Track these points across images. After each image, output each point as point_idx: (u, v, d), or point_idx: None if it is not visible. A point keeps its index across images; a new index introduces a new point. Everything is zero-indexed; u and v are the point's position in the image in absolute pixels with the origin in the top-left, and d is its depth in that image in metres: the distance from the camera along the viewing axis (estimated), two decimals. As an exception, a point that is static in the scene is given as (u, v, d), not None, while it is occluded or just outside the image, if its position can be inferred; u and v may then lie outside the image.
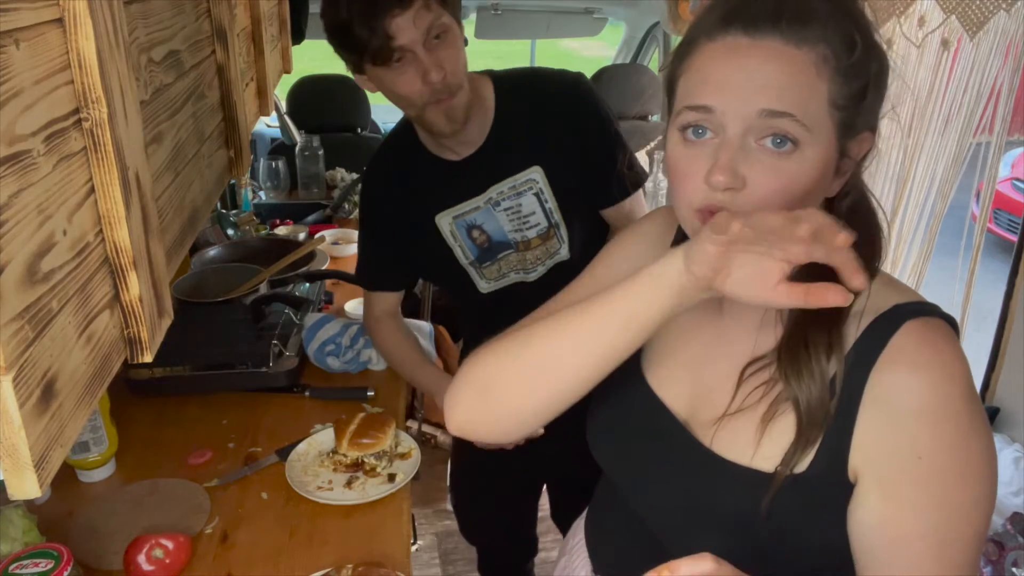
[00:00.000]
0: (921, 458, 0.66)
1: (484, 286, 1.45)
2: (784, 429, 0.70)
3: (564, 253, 1.41)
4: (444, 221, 1.40)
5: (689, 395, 0.81)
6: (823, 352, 0.69)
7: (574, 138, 1.35)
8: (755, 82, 0.65)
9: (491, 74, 1.39)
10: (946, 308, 0.75)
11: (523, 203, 1.37)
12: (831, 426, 0.69)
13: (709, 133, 0.68)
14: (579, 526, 1.00)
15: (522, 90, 1.37)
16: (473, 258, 1.43)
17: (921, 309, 0.70)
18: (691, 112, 0.68)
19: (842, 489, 0.70)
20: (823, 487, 0.70)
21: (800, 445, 0.69)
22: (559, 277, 1.36)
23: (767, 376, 0.73)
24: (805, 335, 0.70)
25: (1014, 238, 2.32)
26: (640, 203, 1.43)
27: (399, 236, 1.45)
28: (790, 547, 0.73)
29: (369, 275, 1.53)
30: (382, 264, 1.52)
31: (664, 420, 0.82)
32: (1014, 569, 1.69)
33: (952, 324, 0.71)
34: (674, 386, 0.83)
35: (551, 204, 1.37)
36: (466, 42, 1.29)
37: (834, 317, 0.70)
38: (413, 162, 1.41)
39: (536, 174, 1.36)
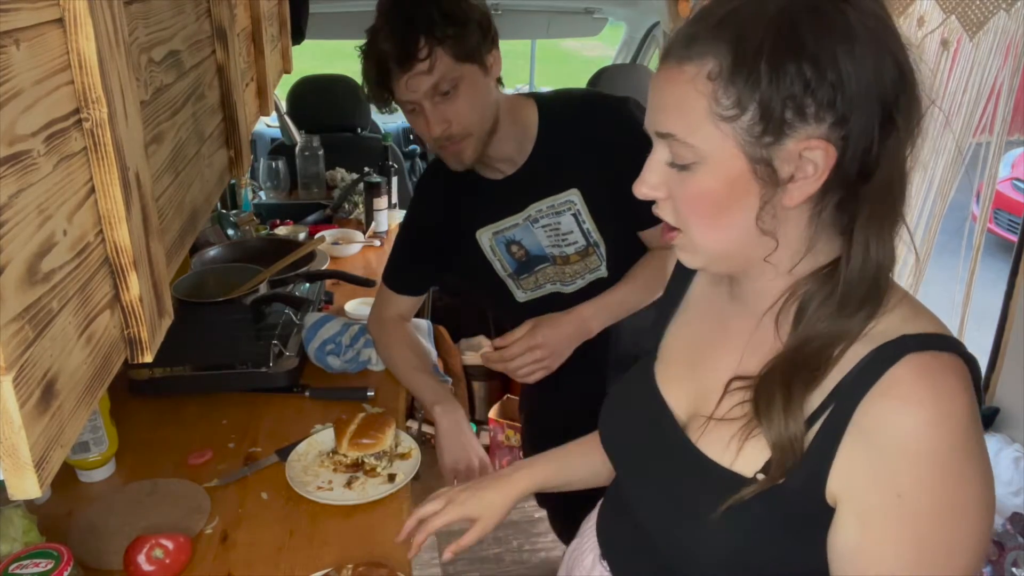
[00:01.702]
0: (901, 496, 0.65)
1: (521, 296, 1.49)
2: (764, 441, 0.71)
3: (603, 271, 1.44)
4: (484, 236, 1.44)
5: (693, 392, 0.83)
6: (798, 397, 0.69)
7: (613, 162, 1.36)
8: (652, 107, 0.72)
9: (536, 97, 1.42)
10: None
11: (561, 222, 1.41)
12: (813, 445, 0.69)
13: None
14: (596, 510, 1.02)
15: (565, 113, 1.40)
16: (511, 271, 1.47)
17: (930, 342, 0.67)
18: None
19: (818, 509, 0.69)
20: (798, 503, 0.70)
21: (772, 474, 0.70)
22: (596, 292, 1.40)
23: (747, 396, 0.74)
24: (787, 380, 0.70)
25: (1014, 238, 2.32)
26: None
27: (438, 246, 1.49)
28: (766, 559, 0.73)
29: (398, 277, 1.55)
30: (415, 268, 1.54)
31: (662, 417, 0.84)
32: (1014, 569, 1.69)
33: (969, 361, 0.68)
34: (678, 383, 0.86)
35: (589, 225, 1.40)
36: (500, 82, 1.32)
37: (818, 366, 0.69)
38: (458, 179, 1.44)
39: (574, 196, 1.39)
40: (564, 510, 1.96)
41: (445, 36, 1.18)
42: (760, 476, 0.71)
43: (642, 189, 0.74)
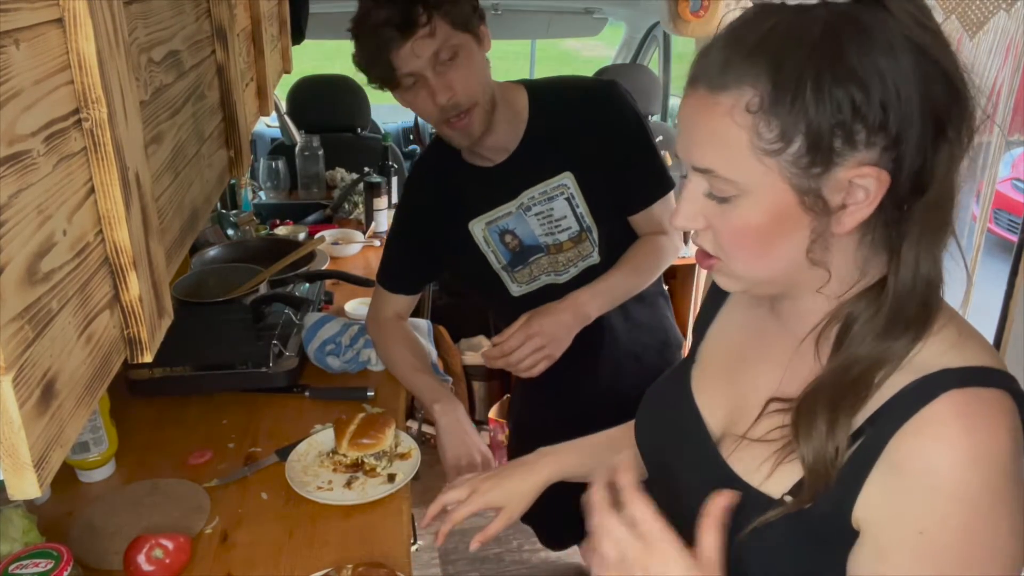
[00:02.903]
0: (923, 534, 0.63)
1: (516, 290, 1.48)
2: (797, 465, 0.70)
3: (595, 257, 1.43)
4: (477, 227, 1.44)
5: (728, 405, 0.82)
6: (842, 419, 0.66)
7: (604, 145, 1.37)
8: (686, 137, 0.68)
9: (526, 83, 1.42)
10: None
11: (554, 207, 1.40)
12: (842, 473, 0.67)
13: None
14: None
15: (555, 98, 1.40)
16: (506, 262, 1.46)
17: (972, 377, 0.64)
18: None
19: (844, 534, 0.68)
20: (823, 526, 0.69)
21: (803, 495, 0.68)
22: (590, 280, 1.39)
23: (786, 420, 0.72)
24: (831, 403, 0.67)
25: (1014, 238, 2.32)
26: (669, 209, 1.45)
27: (430, 242, 1.48)
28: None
29: (392, 276, 1.54)
30: (408, 267, 1.54)
31: (694, 426, 0.83)
32: None
33: (1018, 398, 0.65)
34: (715, 393, 0.85)
35: (582, 209, 1.40)
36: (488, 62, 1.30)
37: (863, 389, 0.67)
38: (448, 170, 1.44)
39: (567, 180, 1.38)
40: (548, 524, 1.96)
41: (441, 2, 1.19)
42: (788, 498, 0.70)
43: (678, 221, 0.71)
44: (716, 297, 0.92)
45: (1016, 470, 0.63)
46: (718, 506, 0.66)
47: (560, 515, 1.90)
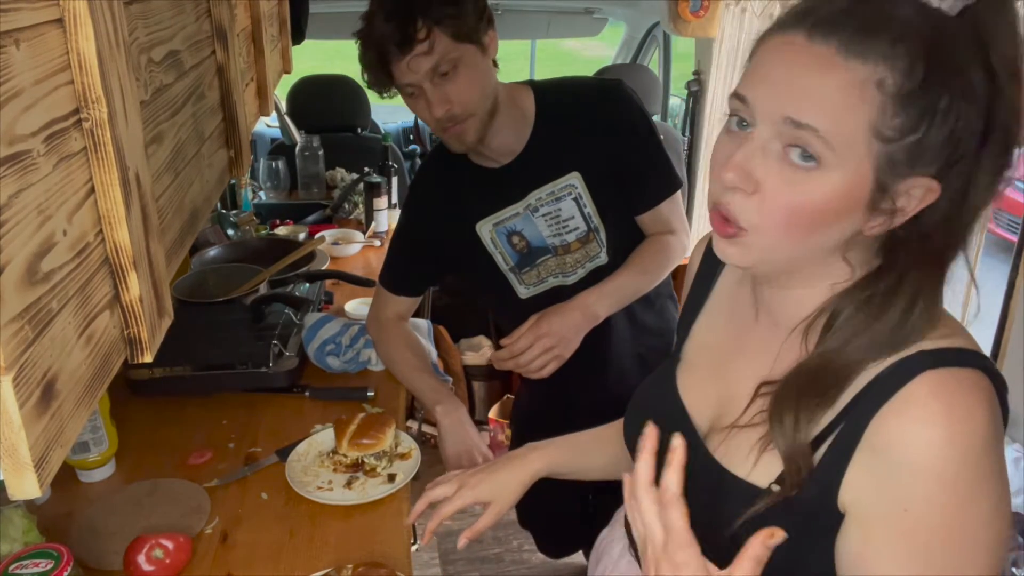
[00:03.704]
0: (907, 511, 0.64)
1: (524, 292, 1.48)
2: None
3: (603, 257, 1.43)
4: (484, 229, 1.43)
5: (715, 400, 0.83)
6: (814, 409, 0.67)
7: (611, 144, 1.37)
8: (791, 86, 0.63)
9: (532, 84, 1.42)
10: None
11: (562, 208, 1.40)
12: (825, 459, 0.68)
13: (751, 128, 0.66)
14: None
15: (561, 98, 1.40)
16: (513, 264, 1.46)
17: (948, 358, 0.65)
18: (733, 99, 0.67)
19: (832, 517, 0.69)
20: (812, 512, 0.69)
21: (787, 485, 0.69)
22: (598, 281, 1.39)
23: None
24: (802, 390, 0.68)
25: (1014, 238, 2.32)
26: (676, 208, 1.45)
27: (435, 244, 1.48)
28: (779, 564, 0.73)
29: (395, 278, 1.54)
30: (411, 269, 1.54)
31: (681, 424, 0.83)
32: (1014, 569, 1.69)
33: (993, 376, 0.66)
34: (701, 390, 0.85)
35: (590, 208, 1.40)
36: (496, 64, 1.31)
37: (842, 379, 0.68)
38: (455, 172, 1.44)
39: (575, 179, 1.38)
40: (548, 532, 1.96)
41: (443, 16, 1.18)
42: (775, 487, 0.70)
43: (729, 173, 0.65)
44: (698, 296, 0.92)
45: (995, 448, 0.64)
46: (762, 543, 0.63)
47: (560, 524, 1.91)
